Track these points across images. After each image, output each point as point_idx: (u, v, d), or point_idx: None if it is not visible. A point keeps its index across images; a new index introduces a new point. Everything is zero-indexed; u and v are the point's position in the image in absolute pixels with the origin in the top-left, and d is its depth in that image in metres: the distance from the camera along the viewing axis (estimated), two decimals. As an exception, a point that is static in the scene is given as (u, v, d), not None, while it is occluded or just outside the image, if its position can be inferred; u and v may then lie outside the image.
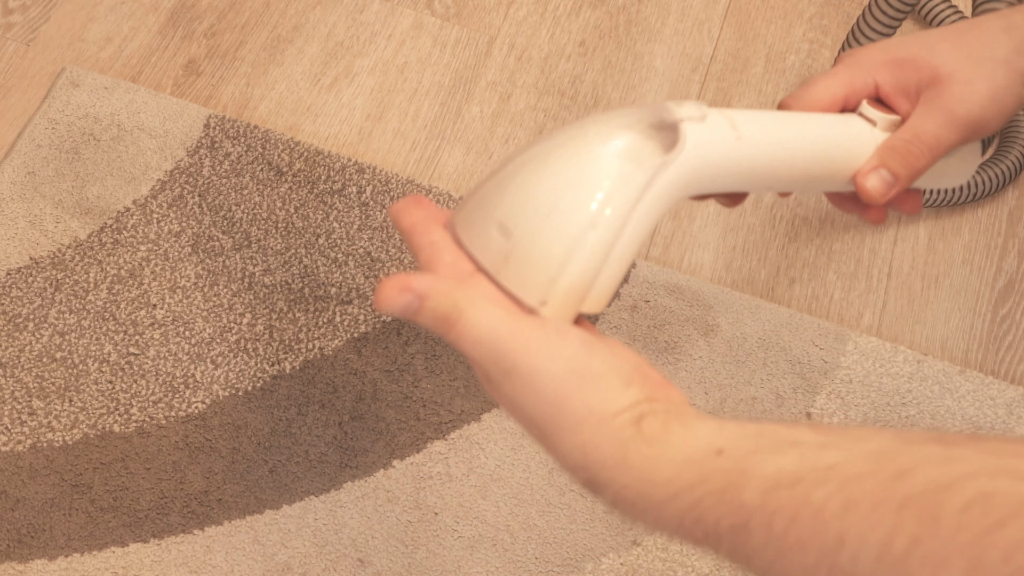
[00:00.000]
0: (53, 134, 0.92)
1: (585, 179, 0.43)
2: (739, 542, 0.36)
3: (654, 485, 0.38)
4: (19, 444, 0.79)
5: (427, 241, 0.45)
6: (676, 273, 0.90)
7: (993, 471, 0.31)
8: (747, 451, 0.37)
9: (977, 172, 0.94)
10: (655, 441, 0.38)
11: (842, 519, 0.33)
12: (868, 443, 0.35)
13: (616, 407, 0.39)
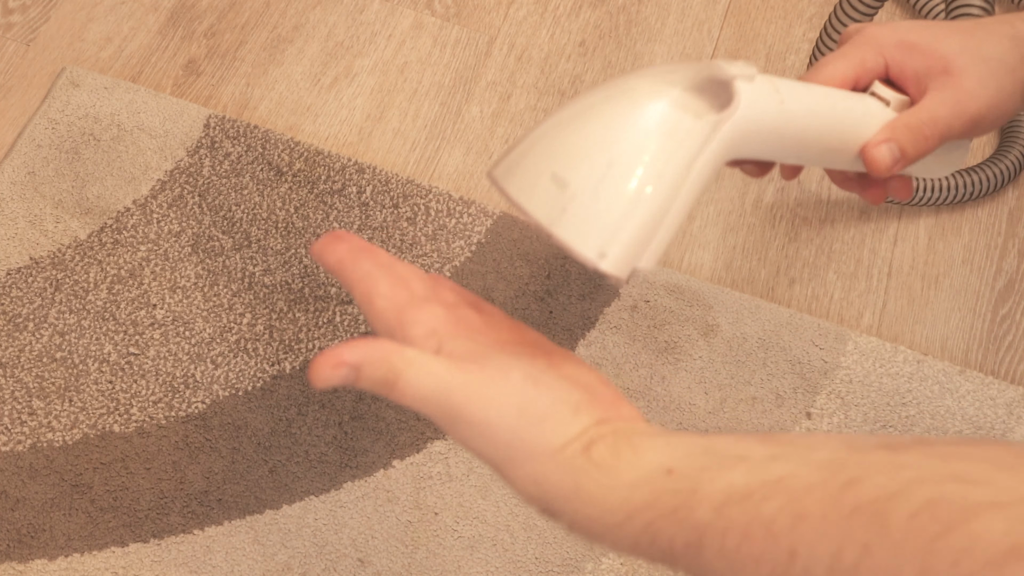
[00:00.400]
0: (53, 134, 0.92)
1: (645, 132, 0.43)
2: (694, 560, 0.36)
3: (607, 511, 0.38)
4: (19, 444, 0.79)
5: (358, 276, 0.45)
6: (676, 273, 0.90)
7: (940, 476, 0.32)
8: (696, 469, 0.37)
9: (977, 171, 0.94)
10: (605, 468, 0.39)
11: (792, 532, 0.33)
12: (816, 452, 0.35)
13: (565, 438, 0.40)
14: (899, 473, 0.32)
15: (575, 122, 0.44)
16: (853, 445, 0.36)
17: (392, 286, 0.44)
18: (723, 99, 0.44)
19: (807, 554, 0.33)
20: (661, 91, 0.43)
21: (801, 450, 0.36)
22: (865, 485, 0.33)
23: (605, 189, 0.42)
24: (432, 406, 0.39)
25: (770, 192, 0.97)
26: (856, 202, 0.97)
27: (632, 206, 0.42)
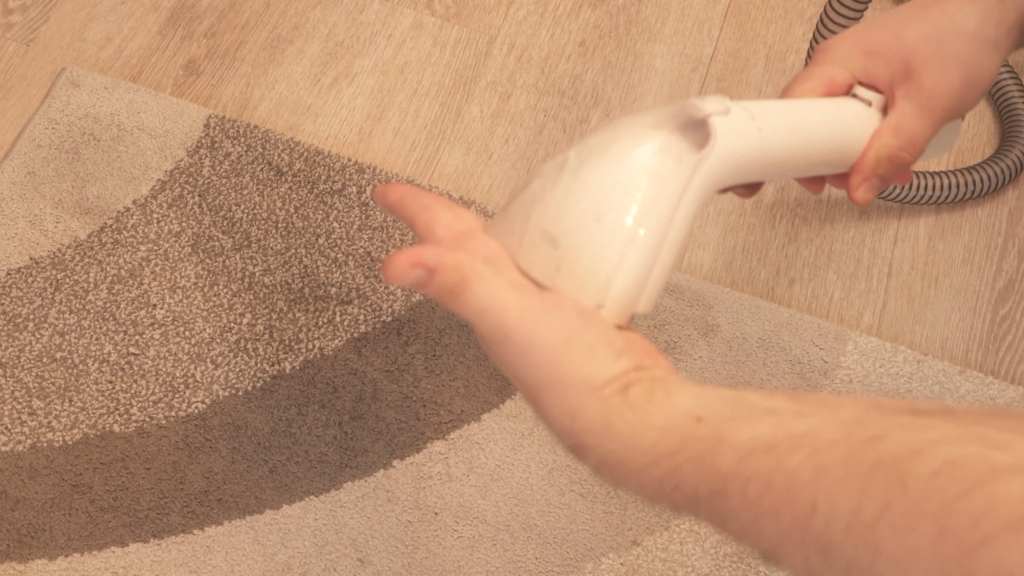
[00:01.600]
0: (53, 134, 0.92)
1: (627, 183, 0.44)
2: (716, 507, 0.37)
3: (636, 451, 0.39)
4: (19, 444, 0.79)
5: (419, 207, 0.47)
6: (676, 273, 0.90)
7: (962, 438, 0.32)
8: (724, 418, 0.38)
9: (978, 170, 0.94)
10: (638, 409, 0.40)
11: (814, 485, 0.34)
12: (842, 411, 0.36)
13: (606, 377, 0.41)
14: (921, 433, 0.33)
15: (560, 179, 0.45)
16: (880, 407, 0.37)
17: (452, 217, 0.46)
18: (702, 137, 0.45)
19: (827, 507, 0.33)
20: (639, 140, 0.45)
21: (828, 408, 0.37)
22: (887, 443, 0.33)
23: (594, 244, 0.44)
24: (487, 321, 0.41)
25: (770, 192, 0.97)
26: (856, 202, 0.97)
27: (622, 257, 0.44)
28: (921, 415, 0.35)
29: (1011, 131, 0.97)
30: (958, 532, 0.30)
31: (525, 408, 0.83)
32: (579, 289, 0.44)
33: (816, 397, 0.39)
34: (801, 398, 0.39)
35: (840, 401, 0.38)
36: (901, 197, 0.90)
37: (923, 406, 0.37)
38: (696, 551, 0.79)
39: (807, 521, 0.34)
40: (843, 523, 0.33)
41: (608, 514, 0.80)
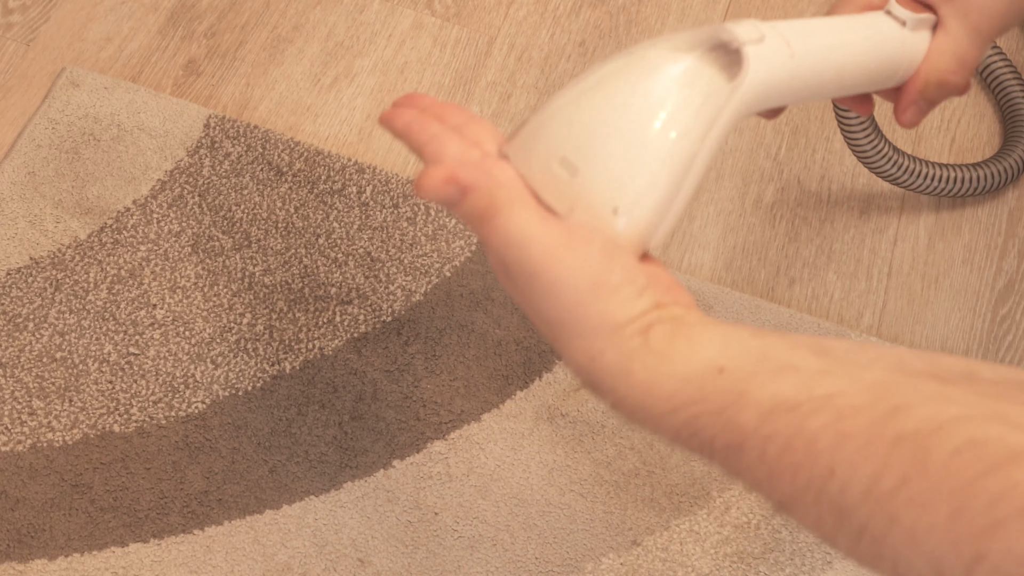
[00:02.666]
0: (53, 134, 0.92)
1: (653, 112, 0.42)
2: (732, 459, 0.37)
3: (654, 398, 0.39)
4: (19, 444, 0.79)
5: (427, 135, 0.45)
6: (676, 273, 0.90)
7: (986, 416, 0.32)
8: (748, 373, 0.37)
9: (982, 166, 0.94)
10: (659, 354, 0.39)
11: (834, 451, 0.34)
12: (867, 372, 0.36)
13: (627, 317, 0.40)
14: (945, 407, 0.33)
15: (583, 102, 0.43)
16: (904, 368, 0.36)
17: (463, 147, 0.44)
18: (733, 64, 0.43)
19: (846, 474, 0.33)
20: (668, 65, 0.43)
21: (852, 368, 0.36)
22: (910, 415, 0.33)
23: (616, 178, 0.42)
24: (513, 252, 0.40)
25: (770, 192, 0.97)
26: (856, 202, 0.97)
27: (643, 195, 0.42)
28: (946, 383, 0.34)
29: (1014, 129, 0.97)
30: (974, 513, 0.30)
31: (525, 408, 0.84)
32: (598, 219, 0.42)
33: (842, 348, 0.38)
34: (826, 351, 0.38)
35: (865, 356, 0.37)
36: (906, 183, 0.89)
37: (948, 367, 0.36)
38: (696, 551, 0.79)
39: (824, 484, 0.34)
40: (860, 490, 0.33)
41: (608, 514, 0.80)
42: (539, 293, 0.40)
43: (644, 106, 0.42)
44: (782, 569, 0.80)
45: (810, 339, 0.39)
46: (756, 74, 0.43)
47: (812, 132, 0.99)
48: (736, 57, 0.43)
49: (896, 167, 0.87)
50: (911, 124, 0.53)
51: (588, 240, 0.41)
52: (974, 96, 1.02)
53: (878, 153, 0.84)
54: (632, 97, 0.42)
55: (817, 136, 0.99)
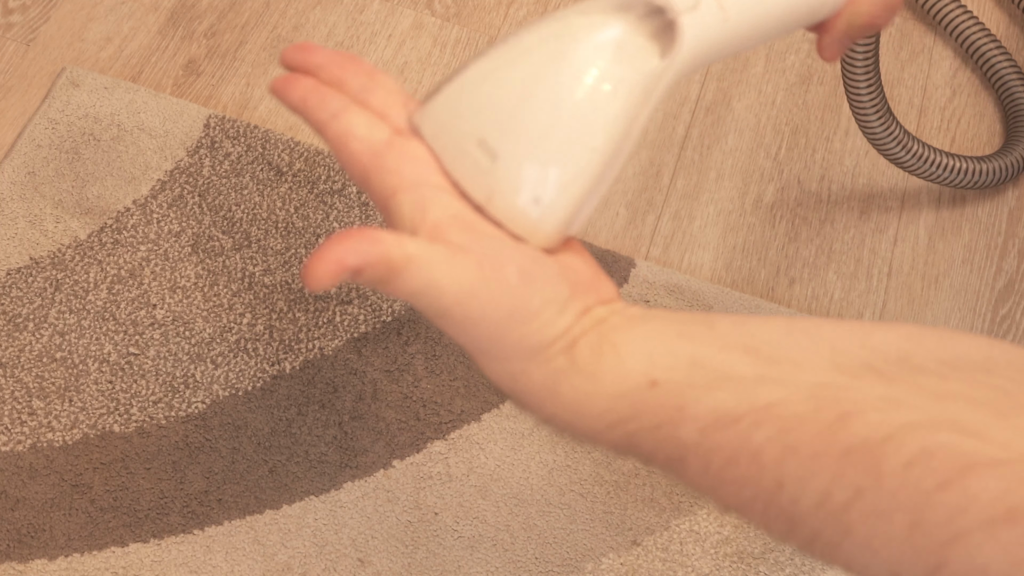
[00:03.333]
0: (53, 134, 0.91)
1: (583, 92, 0.39)
2: (675, 471, 0.36)
3: (586, 417, 0.37)
4: (19, 444, 0.79)
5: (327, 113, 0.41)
6: (676, 273, 0.90)
7: (935, 421, 0.31)
8: (682, 385, 0.36)
9: (986, 161, 0.93)
10: (587, 373, 0.37)
11: (781, 465, 0.33)
12: (805, 374, 0.34)
13: (549, 338, 0.38)
14: (893, 413, 0.32)
15: (505, 76, 0.39)
16: (841, 364, 0.34)
17: (368, 124, 0.41)
18: (666, 33, 0.40)
19: (795, 487, 0.32)
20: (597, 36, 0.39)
21: (789, 369, 0.35)
22: (857, 423, 0.32)
23: (539, 165, 0.39)
24: (422, 301, 0.37)
25: (770, 192, 0.97)
26: (856, 202, 0.97)
27: (568, 183, 0.39)
28: (889, 381, 0.33)
29: (1016, 126, 0.97)
30: (933, 526, 0.29)
31: (525, 408, 0.84)
32: (518, 211, 0.39)
33: (773, 340, 0.36)
34: (757, 347, 0.36)
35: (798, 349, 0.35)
36: (911, 167, 0.89)
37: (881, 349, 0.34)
38: (696, 551, 0.79)
39: (772, 496, 0.33)
40: (811, 503, 0.32)
41: (608, 514, 0.80)
42: (453, 328, 0.38)
43: (572, 85, 0.39)
44: (782, 569, 0.80)
45: (738, 331, 0.37)
46: (691, 45, 0.39)
47: (812, 132, 0.99)
48: (669, 26, 0.40)
49: (904, 150, 0.87)
50: (833, 59, 0.51)
51: (501, 267, 0.38)
52: (975, 95, 1.02)
53: (889, 134, 0.84)
54: (559, 74, 0.39)
55: (817, 136, 0.99)
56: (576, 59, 0.39)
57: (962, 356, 0.34)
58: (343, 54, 0.43)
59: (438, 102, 0.40)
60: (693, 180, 0.96)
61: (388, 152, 0.40)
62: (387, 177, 0.40)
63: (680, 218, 0.94)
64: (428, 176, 0.40)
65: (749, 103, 1.01)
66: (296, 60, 0.43)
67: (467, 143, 0.39)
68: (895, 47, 1.05)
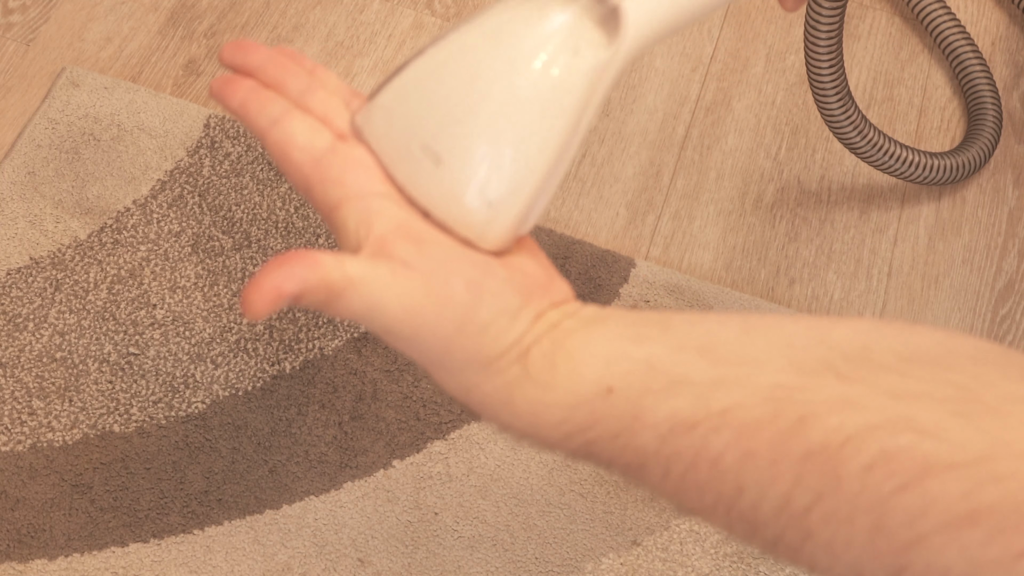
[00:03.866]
0: (53, 134, 0.91)
1: (527, 89, 0.37)
2: (634, 477, 0.36)
3: (542, 427, 0.37)
4: (19, 444, 0.79)
5: (267, 120, 0.39)
6: (676, 273, 0.90)
7: (893, 422, 0.31)
8: (638, 391, 0.35)
9: (940, 158, 0.93)
10: (541, 382, 0.36)
11: (740, 470, 0.33)
12: (762, 375, 0.34)
13: (501, 349, 0.37)
14: (851, 415, 0.31)
15: (447, 76, 0.38)
16: (799, 363, 0.34)
17: (309, 131, 0.39)
18: (610, 18, 0.38)
19: (755, 492, 0.32)
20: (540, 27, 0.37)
21: (745, 370, 0.34)
22: (816, 427, 0.32)
23: (484, 168, 0.37)
24: (366, 322, 0.37)
25: (770, 192, 0.97)
26: (856, 202, 0.97)
27: (516, 186, 0.38)
28: (845, 380, 0.32)
29: (975, 125, 0.98)
30: (893, 528, 0.29)
31: (525, 408, 0.83)
32: (461, 218, 0.38)
33: (728, 338, 0.35)
34: (712, 347, 0.35)
35: (754, 348, 0.35)
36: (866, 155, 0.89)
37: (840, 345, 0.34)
38: (696, 551, 0.79)
39: (733, 501, 0.33)
40: (772, 507, 0.32)
41: (608, 514, 0.80)
42: (400, 344, 0.37)
43: (515, 80, 0.37)
44: (782, 569, 0.80)
45: (694, 331, 0.36)
46: (636, 29, 0.38)
47: (812, 132, 0.99)
48: (613, 11, 0.38)
49: (860, 136, 0.86)
50: (794, 9, 0.50)
51: (447, 281, 0.37)
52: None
53: (847, 119, 0.84)
54: (501, 69, 0.37)
55: (817, 136, 0.99)
56: (519, 52, 0.37)
57: (923, 350, 0.33)
58: (282, 51, 0.42)
59: (378, 104, 0.39)
60: (693, 180, 0.96)
61: (331, 160, 0.39)
62: (330, 188, 0.38)
63: (680, 218, 0.94)
64: (372, 184, 0.38)
65: (749, 103, 1.01)
66: (235, 60, 0.41)
67: (410, 147, 0.38)
68: (895, 47, 1.05)
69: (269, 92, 0.40)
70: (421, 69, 0.38)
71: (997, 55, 1.05)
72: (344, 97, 0.41)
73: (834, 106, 0.83)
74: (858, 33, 1.05)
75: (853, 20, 1.06)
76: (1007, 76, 1.04)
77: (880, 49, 1.04)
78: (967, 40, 1.01)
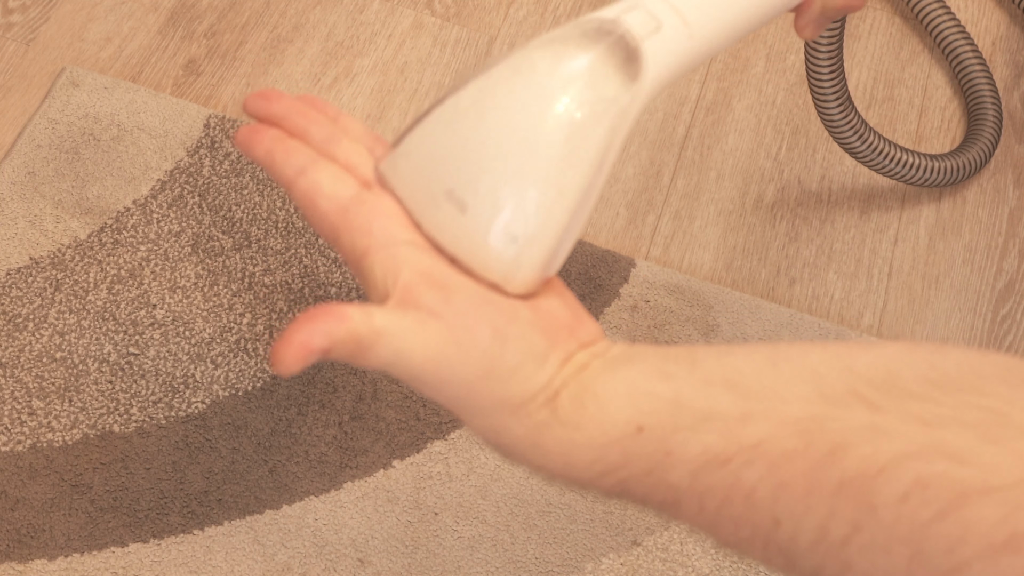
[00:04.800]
0: (53, 134, 0.91)
1: (549, 133, 0.37)
2: (669, 512, 0.36)
3: (573, 468, 0.37)
4: (19, 444, 0.79)
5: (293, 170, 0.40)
6: (676, 273, 0.90)
7: (927, 451, 0.31)
8: (668, 429, 0.35)
9: (940, 159, 0.93)
10: (570, 424, 0.37)
11: (775, 503, 0.33)
12: (790, 407, 0.34)
13: (529, 394, 0.37)
14: (883, 443, 0.31)
15: (469, 121, 0.38)
16: (827, 393, 0.34)
17: (334, 180, 0.40)
18: (631, 61, 0.38)
19: (792, 524, 0.32)
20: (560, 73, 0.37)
21: (773, 403, 0.34)
22: (849, 457, 0.32)
23: (509, 213, 0.37)
24: (393, 370, 0.37)
25: (771, 192, 0.97)
26: (857, 202, 0.97)
27: (539, 229, 0.38)
28: (876, 409, 0.33)
29: (975, 126, 0.97)
30: (933, 557, 0.29)
31: (525, 408, 0.83)
32: (487, 262, 0.38)
33: (753, 370, 0.36)
34: (737, 381, 0.35)
35: (780, 379, 0.35)
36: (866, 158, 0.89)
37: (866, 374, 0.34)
38: (697, 551, 0.79)
39: (770, 533, 0.33)
40: (809, 539, 0.32)
41: (608, 514, 0.80)
42: (427, 390, 0.38)
43: (538, 126, 0.37)
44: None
45: (721, 365, 0.36)
46: (657, 70, 0.38)
47: (813, 132, 0.99)
48: (634, 54, 0.38)
49: (860, 140, 0.86)
50: (811, 37, 0.51)
51: (472, 329, 0.37)
52: (974, 96, 1.02)
53: (847, 123, 0.84)
54: (524, 115, 0.37)
55: (818, 136, 0.99)
56: (541, 96, 0.37)
57: (952, 374, 0.33)
58: (306, 100, 0.42)
59: (402, 152, 0.39)
60: (693, 180, 0.96)
61: (357, 209, 0.39)
62: (357, 237, 0.39)
63: (680, 218, 0.94)
64: (398, 232, 0.39)
65: (750, 103, 1.00)
66: (258, 109, 0.42)
67: (435, 194, 0.38)
68: (895, 47, 1.05)
69: (294, 141, 0.41)
70: (443, 116, 0.39)
71: (998, 55, 1.05)
72: (368, 144, 0.42)
73: (834, 111, 0.83)
74: (858, 33, 1.05)
75: (853, 20, 1.06)
76: (1008, 76, 1.04)
77: (881, 49, 1.04)
78: (967, 40, 1.01)
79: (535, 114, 0.37)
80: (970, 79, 1.00)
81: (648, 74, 0.38)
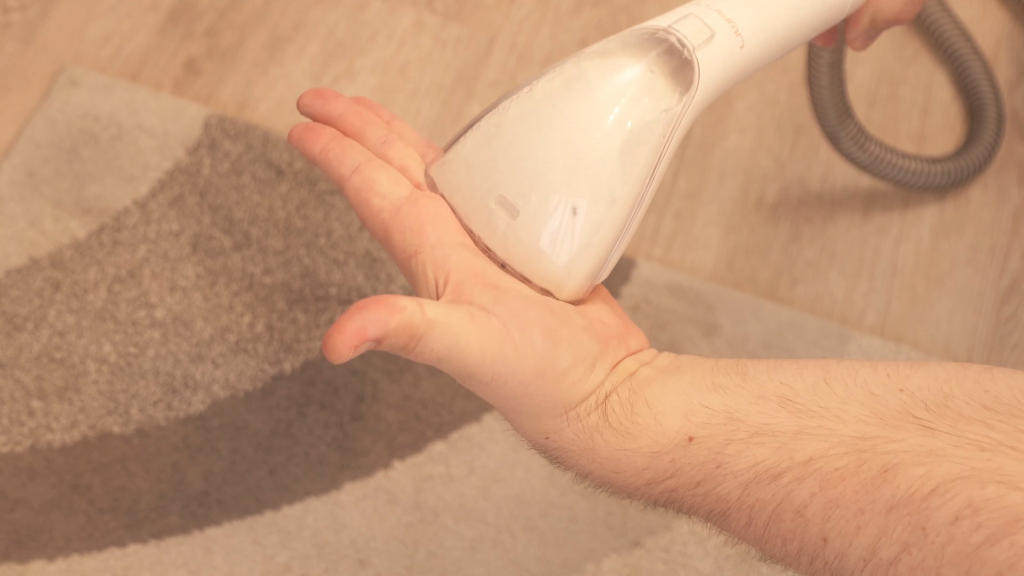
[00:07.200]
0: (52, 134, 0.91)
1: (602, 142, 0.37)
2: (717, 524, 0.36)
3: (623, 474, 0.37)
4: (18, 445, 0.79)
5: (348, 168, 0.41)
6: (678, 273, 0.90)
7: (979, 474, 0.31)
8: (720, 441, 0.36)
9: (943, 163, 0.93)
10: (622, 431, 0.37)
11: (825, 520, 0.33)
12: (844, 425, 0.34)
13: (580, 396, 0.38)
14: (936, 465, 0.32)
15: (519, 128, 0.38)
16: (880, 413, 0.34)
17: (389, 181, 0.40)
18: (683, 70, 0.39)
19: (841, 542, 0.32)
20: (613, 82, 0.38)
21: (826, 420, 0.35)
22: (901, 477, 0.32)
23: (556, 219, 0.38)
24: (447, 365, 0.37)
25: (773, 192, 0.96)
26: (859, 202, 0.97)
27: (590, 237, 0.38)
28: (930, 431, 0.33)
29: (977, 127, 0.97)
30: None
31: (526, 409, 0.83)
32: (537, 269, 0.38)
33: (807, 388, 0.36)
34: (791, 397, 0.36)
35: (834, 397, 0.35)
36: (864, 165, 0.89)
37: (920, 393, 0.34)
38: (698, 552, 0.79)
39: (818, 551, 0.33)
40: (858, 558, 0.32)
41: (610, 515, 0.80)
42: (481, 389, 0.38)
43: (591, 134, 0.37)
44: (784, 571, 0.79)
45: (772, 380, 0.36)
46: (709, 79, 0.39)
47: (814, 132, 0.99)
48: (686, 63, 0.38)
49: (859, 148, 0.87)
50: (862, 49, 0.52)
51: (526, 328, 0.37)
52: (977, 95, 1.02)
53: (844, 130, 0.85)
54: (577, 123, 0.37)
55: (819, 136, 0.99)
56: (593, 106, 0.38)
57: (1004, 398, 0.33)
58: (362, 102, 0.43)
59: (453, 157, 0.40)
60: (695, 179, 0.96)
61: (409, 209, 0.40)
62: (409, 236, 0.39)
63: (682, 217, 0.94)
64: (449, 235, 0.39)
65: (751, 102, 1.00)
66: (314, 108, 0.43)
67: (486, 200, 0.38)
68: (898, 46, 1.04)
69: (349, 140, 0.41)
70: (495, 122, 0.39)
71: (1001, 54, 1.05)
72: (420, 149, 0.42)
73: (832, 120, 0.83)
74: (861, 32, 1.05)
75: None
76: (1011, 75, 1.03)
77: (883, 48, 1.04)
78: (967, 40, 1.01)
79: (588, 123, 0.37)
80: (971, 79, 1.00)
81: (700, 84, 0.38)
